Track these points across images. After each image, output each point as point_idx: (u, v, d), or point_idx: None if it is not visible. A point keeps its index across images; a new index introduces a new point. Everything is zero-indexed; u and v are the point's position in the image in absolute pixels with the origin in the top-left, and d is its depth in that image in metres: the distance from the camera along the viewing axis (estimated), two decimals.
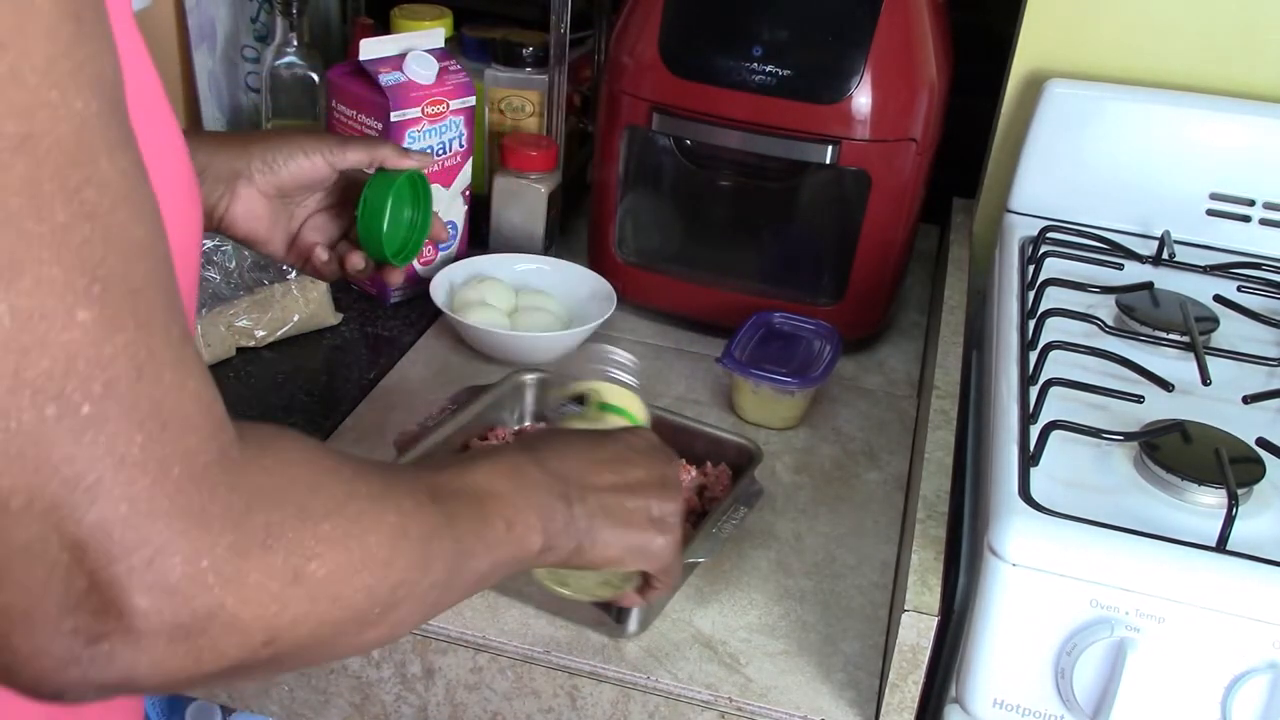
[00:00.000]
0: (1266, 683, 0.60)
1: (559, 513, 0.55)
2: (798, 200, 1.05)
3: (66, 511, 0.31)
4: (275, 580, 0.36)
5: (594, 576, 0.65)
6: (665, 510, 0.61)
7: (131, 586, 0.33)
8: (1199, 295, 0.91)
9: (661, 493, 0.61)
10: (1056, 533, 0.63)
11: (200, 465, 0.35)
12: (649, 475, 0.61)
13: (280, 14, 1.12)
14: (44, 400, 0.31)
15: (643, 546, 0.60)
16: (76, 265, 0.31)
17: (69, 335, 0.31)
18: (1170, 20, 1.02)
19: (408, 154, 0.79)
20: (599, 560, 0.58)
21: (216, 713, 1.09)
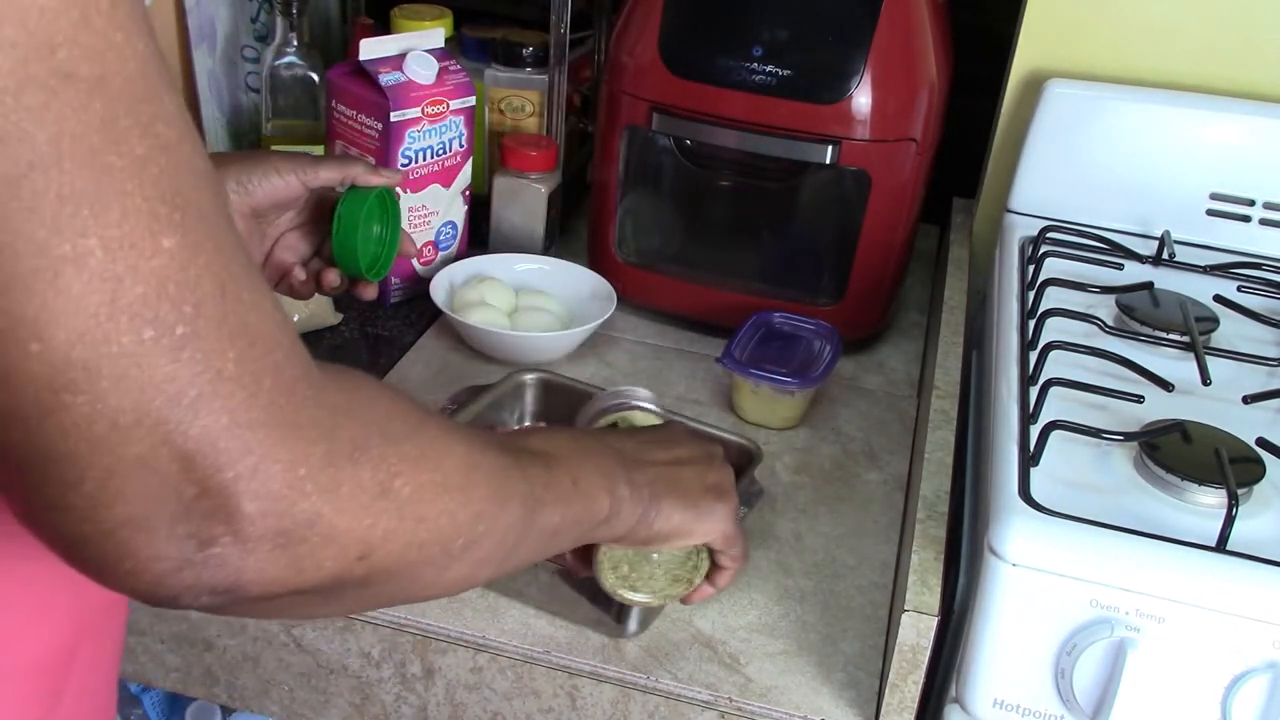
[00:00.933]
0: (1266, 683, 0.60)
1: (622, 480, 0.56)
2: (798, 200, 1.05)
3: (173, 425, 0.33)
4: (365, 492, 0.38)
5: (663, 575, 0.67)
6: (719, 479, 0.64)
7: (238, 493, 0.35)
8: (1199, 295, 0.91)
9: (711, 464, 0.64)
10: (1056, 533, 0.63)
11: (288, 379, 0.36)
12: (695, 451, 0.64)
13: (280, 14, 1.12)
14: (141, 324, 0.33)
15: (705, 513, 0.62)
16: (156, 195, 0.33)
17: (157, 261, 0.33)
18: (1170, 20, 1.02)
19: (379, 171, 0.80)
20: (665, 530, 0.60)
21: (216, 713, 1.09)
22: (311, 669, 0.76)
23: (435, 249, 1.09)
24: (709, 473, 0.63)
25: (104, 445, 0.33)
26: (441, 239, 1.09)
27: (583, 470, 0.54)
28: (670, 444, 0.63)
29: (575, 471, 0.53)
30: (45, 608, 0.47)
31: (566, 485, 0.52)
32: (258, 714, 0.80)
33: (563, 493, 0.52)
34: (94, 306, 0.32)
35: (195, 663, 0.78)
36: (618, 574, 0.66)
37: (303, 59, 1.14)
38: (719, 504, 0.63)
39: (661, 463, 0.61)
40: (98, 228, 0.32)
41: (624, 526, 0.57)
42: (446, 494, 0.42)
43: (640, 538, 0.59)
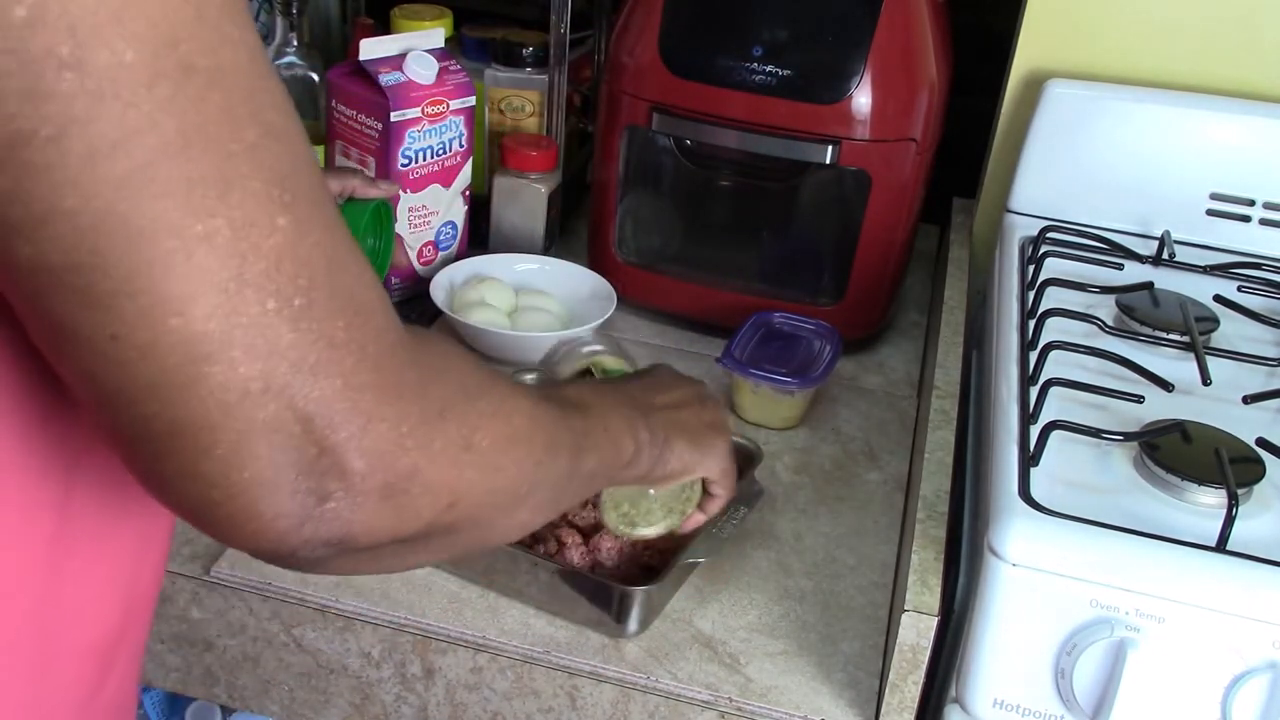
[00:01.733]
0: (1266, 683, 0.60)
1: (641, 425, 0.61)
2: (798, 200, 1.05)
3: (296, 390, 0.36)
4: (454, 446, 0.42)
5: (659, 509, 0.71)
6: (714, 416, 0.69)
7: (350, 450, 0.38)
8: (1199, 295, 0.91)
9: (703, 403, 0.68)
10: (1056, 533, 0.63)
11: (388, 344, 0.39)
12: (688, 392, 0.68)
13: (280, 14, 1.12)
14: (265, 296, 0.35)
15: (709, 449, 0.67)
16: (271, 178, 0.36)
17: (274, 240, 0.36)
18: (1170, 20, 1.02)
19: (376, 184, 0.80)
20: (676, 468, 0.64)
21: (216, 713, 1.09)
22: (311, 669, 0.76)
23: (435, 249, 1.09)
24: (704, 411, 0.68)
25: (236, 411, 0.35)
26: (441, 239, 1.09)
27: (611, 419, 0.58)
28: (665, 388, 0.67)
29: (605, 420, 0.57)
30: (105, 590, 0.48)
31: (600, 433, 0.56)
32: (258, 714, 0.80)
33: (598, 440, 0.56)
34: (224, 281, 0.34)
35: (195, 663, 0.78)
36: (619, 512, 0.72)
37: (303, 59, 1.14)
38: (718, 439, 0.68)
39: (666, 406, 0.65)
40: (223, 209, 0.34)
41: (644, 467, 0.61)
42: (516, 445, 0.46)
43: (655, 476, 0.64)
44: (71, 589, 0.46)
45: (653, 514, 0.71)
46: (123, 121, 0.33)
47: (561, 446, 0.50)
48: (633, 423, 0.60)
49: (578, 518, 0.78)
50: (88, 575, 0.47)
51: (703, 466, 0.67)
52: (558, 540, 0.76)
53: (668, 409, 0.65)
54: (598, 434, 0.56)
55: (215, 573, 0.76)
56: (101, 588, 0.48)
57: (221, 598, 0.76)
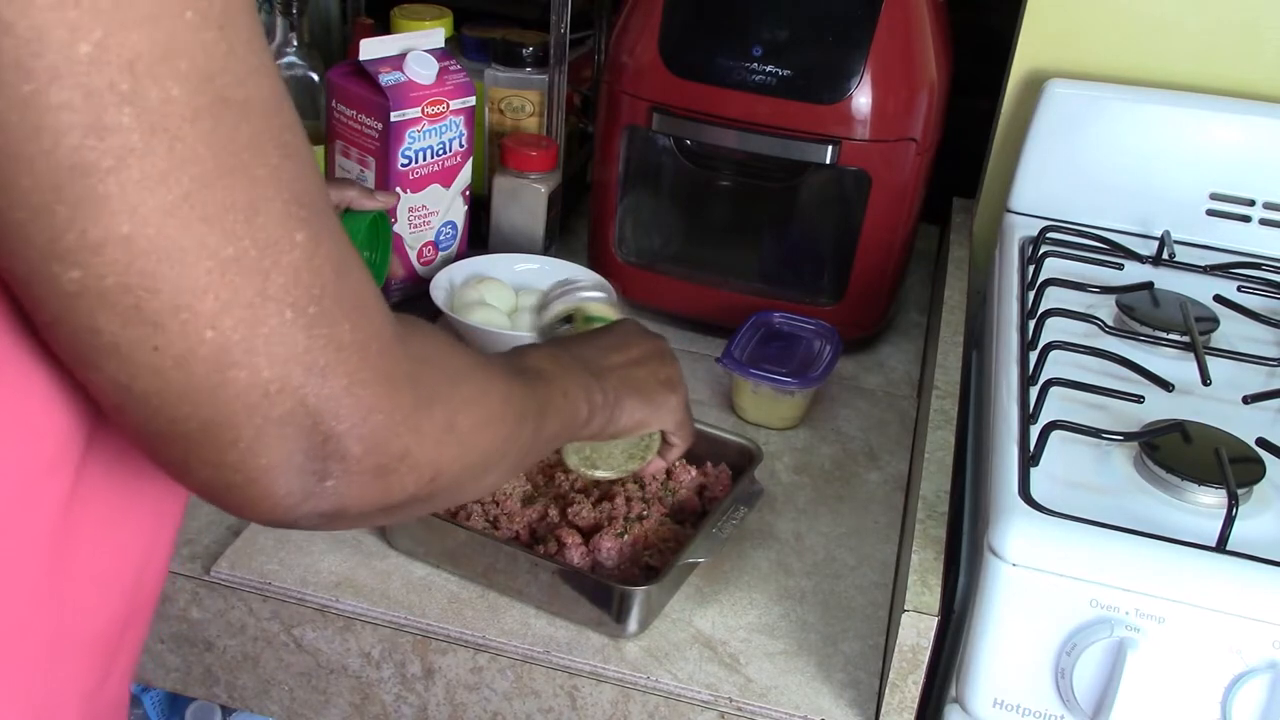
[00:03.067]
0: (1266, 683, 0.60)
1: (595, 388, 0.66)
2: (798, 200, 1.05)
3: (308, 389, 0.40)
4: (438, 428, 0.47)
5: (620, 453, 0.76)
6: (669, 373, 0.73)
7: (350, 438, 0.42)
8: (1199, 295, 0.91)
9: (662, 359, 0.73)
10: (1056, 533, 0.63)
11: (386, 340, 0.43)
12: (647, 349, 0.73)
13: (280, 14, 1.12)
14: (284, 307, 0.39)
15: (660, 405, 0.72)
16: (290, 198, 0.39)
17: (292, 255, 0.39)
18: (1170, 20, 1.02)
19: (373, 196, 0.81)
20: (629, 425, 0.70)
21: (216, 713, 1.09)
22: (311, 669, 0.76)
23: (435, 249, 1.09)
24: (660, 368, 0.72)
25: (257, 409, 0.39)
26: (441, 239, 1.09)
27: (569, 384, 0.63)
28: (625, 345, 0.72)
29: (564, 385, 0.62)
30: (113, 581, 0.49)
31: (559, 399, 0.61)
32: (258, 714, 0.80)
33: (557, 406, 0.61)
34: (250, 296, 0.38)
35: (195, 663, 0.78)
36: (580, 455, 0.76)
37: (303, 59, 1.14)
38: (671, 395, 0.72)
39: (620, 365, 0.70)
40: (250, 230, 0.37)
41: (597, 426, 0.67)
42: (492, 424, 0.52)
43: (608, 433, 0.69)
44: (79, 579, 0.47)
45: (613, 458, 0.76)
46: (171, 153, 0.35)
47: (528, 417, 0.56)
48: (588, 386, 0.65)
49: (578, 518, 0.78)
50: (96, 565, 0.47)
51: (656, 420, 0.72)
52: (558, 540, 0.76)
53: (623, 367, 0.70)
54: (557, 400, 0.61)
55: (215, 573, 0.76)
56: (109, 578, 0.49)
57: (221, 598, 0.76)
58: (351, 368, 0.41)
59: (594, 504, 0.79)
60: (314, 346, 0.40)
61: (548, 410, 0.59)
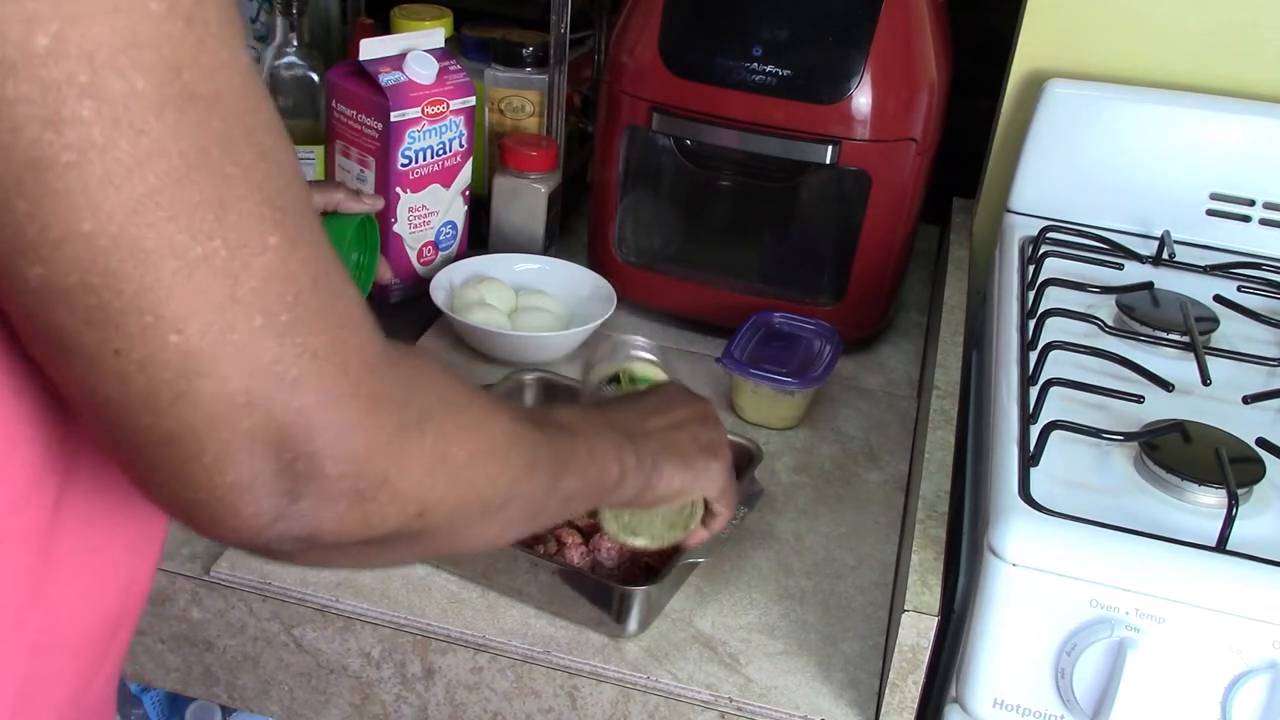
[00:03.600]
0: (1266, 683, 0.60)
1: (628, 451, 0.61)
2: (798, 200, 1.05)
3: (277, 402, 0.38)
4: (427, 457, 0.43)
5: (660, 522, 0.71)
6: (712, 438, 0.68)
7: (324, 457, 0.39)
8: (1199, 295, 0.91)
9: (704, 423, 0.68)
10: (1056, 533, 0.63)
11: (371, 357, 0.41)
12: (690, 412, 0.68)
13: (280, 14, 1.12)
14: (254, 313, 0.37)
15: (701, 471, 0.66)
16: (264, 198, 0.37)
17: (265, 258, 0.37)
18: (1170, 20, 1.02)
19: (360, 198, 0.80)
20: (666, 492, 0.64)
21: (216, 713, 1.09)
22: (311, 669, 0.76)
23: (435, 249, 1.09)
24: (703, 432, 0.68)
25: (223, 422, 0.37)
26: (441, 239, 1.09)
27: (597, 443, 0.58)
28: (667, 408, 0.67)
29: (590, 443, 0.58)
30: (100, 586, 0.49)
31: (584, 455, 0.57)
32: (258, 714, 0.80)
33: (581, 462, 0.56)
34: (218, 299, 0.36)
35: (195, 663, 0.78)
36: (619, 521, 0.71)
37: (303, 59, 1.14)
38: (714, 462, 0.67)
39: (660, 429, 0.65)
40: (220, 230, 0.36)
41: (631, 492, 0.62)
42: (492, 460, 0.47)
43: (645, 500, 0.64)
44: (65, 583, 0.46)
45: (654, 525, 0.71)
46: (135, 148, 0.34)
47: (540, 465, 0.51)
48: (620, 447, 0.60)
49: (578, 518, 0.78)
50: (83, 570, 0.47)
51: (697, 487, 0.67)
52: (558, 540, 0.76)
53: (662, 431, 0.65)
54: (581, 456, 0.56)
55: (215, 573, 0.76)
56: (97, 583, 0.49)
57: (221, 598, 0.76)
58: (328, 382, 0.39)
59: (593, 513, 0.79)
60: (285, 356, 0.38)
61: (568, 464, 0.55)
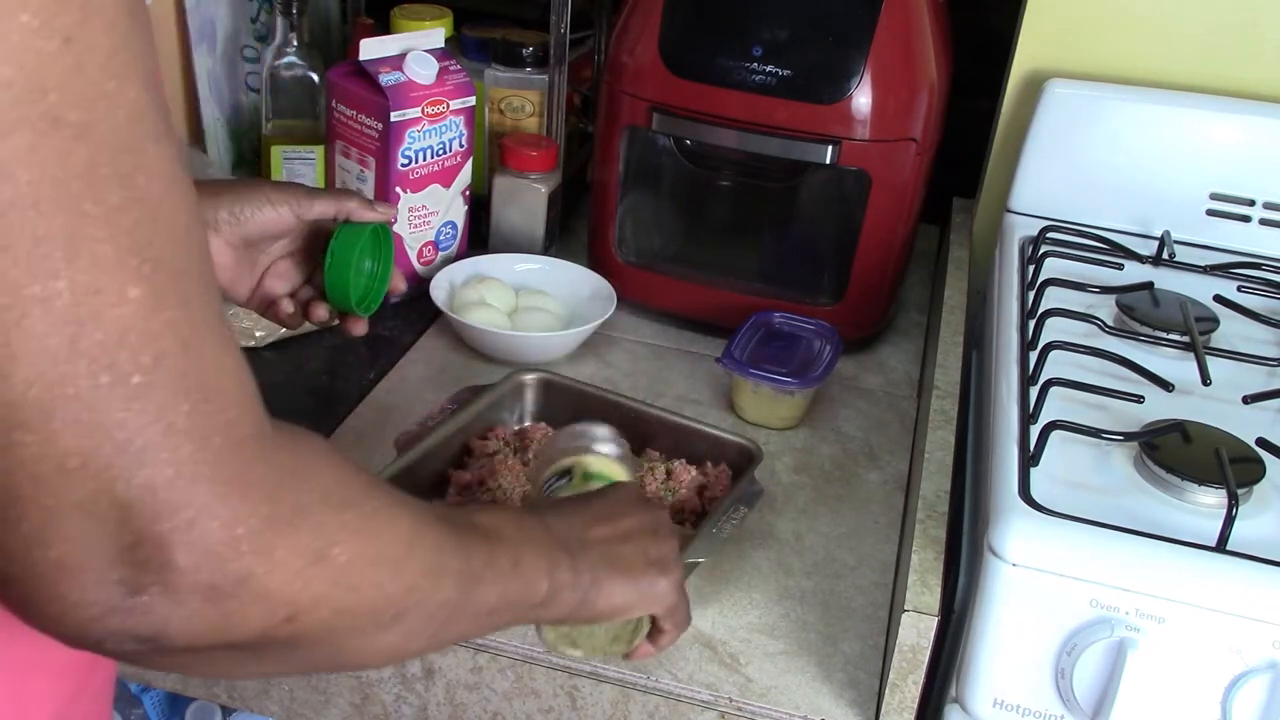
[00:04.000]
0: (1266, 683, 0.60)
1: (563, 564, 0.55)
2: (798, 200, 1.05)
3: (117, 472, 0.34)
4: (300, 557, 0.38)
5: (604, 634, 0.65)
6: (662, 552, 0.62)
7: (174, 544, 0.35)
8: (1199, 295, 0.91)
9: (655, 536, 0.62)
10: (1056, 533, 0.63)
11: (239, 438, 0.37)
12: (640, 522, 0.62)
13: (280, 14, 1.12)
14: (99, 369, 0.33)
15: (646, 590, 0.60)
16: (128, 245, 0.34)
17: (120, 310, 0.33)
18: (1170, 20, 1.02)
19: (373, 206, 0.79)
20: (606, 610, 0.59)
21: (216, 713, 1.09)
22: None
23: (435, 249, 1.09)
24: (652, 546, 0.61)
25: (48, 487, 0.33)
26: (441, 239, 1.09)
27: (523, 552, 0.53)
28: (614, 516, 0.61)
29: (516, 553, 0.52)
30: None
31: (506, 566, 0.51)
32: (258, 714, 0.80)
33: (501, 573, 0.51)
34: (55, 348, 0.32)
35: None
36: (557, 631, 0.64)
37: (303, 59, 1.14)
38: (661, 578, 0.61)
39: (604, 540, 0.59)
40: (68, 271, 0.32)
41: (564, 609, 0.56)
42: (382, 565, 0.42)
43: (582, 617, 0.58)
44: None
45: (595, 636, 0.64)
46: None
47: (447, 574, 0.46)
48: (553, 560, 0.55)
49: None
50: None
51: (641, 606, 0.61)
52: None
53: (607, 542, 0.59)
54: (503, 567, 0.51)
55: None
56: None
57: None
58: (182, 457, 0.35)
59: None
60: (132, 422, 0.34)
61: (483, 575, 0.49)
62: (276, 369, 0.97)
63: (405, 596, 0.43)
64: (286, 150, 1.16)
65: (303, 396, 0.94)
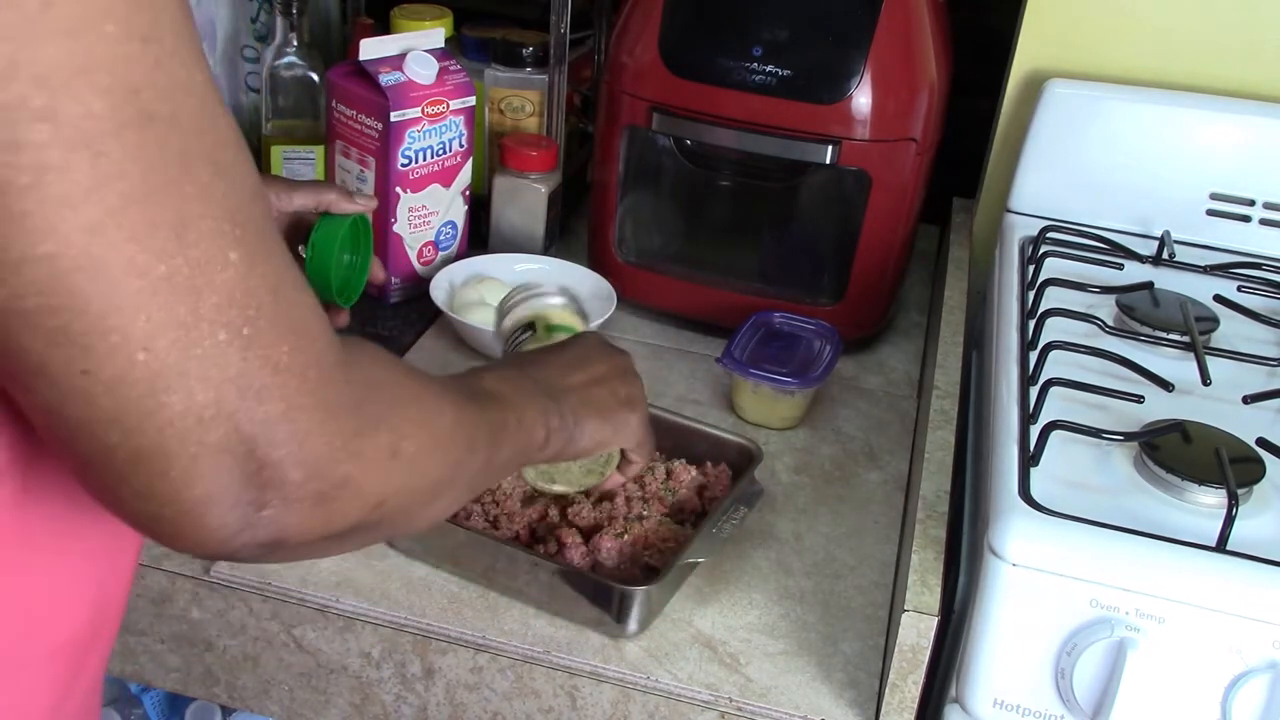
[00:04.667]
0: (1266, 683, 0.60)
1: (552, 411, 0.64)
2: (798, 200, 1.05)
3: (243, 415, 0.38)
4: (383, 454, 0.45)
5: (578, 469, 0.76)
6: (630, 391, 0.71)
7: (288, 464, 0.40)
8: (1199, 295, 0.91)
9: (623, 378, 0.71)
10: (1056, 533, 0.63)
11: (328, 365, 0.42)
12: (608, 367, 0.71)
13: (280, 14, 1.12)
14: (217, 328, 0.37)
15: (620, 425, 0.70)
16: (223, 215, 0.38)
17: (226, 274, 0.38)
18: (1170, 20, 1.02)
19: (353, 198, 0.81)
20: (589, 446, 0.68)
21: (216, 713, 1.09)
22: (311, 669, 0.76)
23: (435, 249, 1.09)
24: (621, 387, 0.70)
25: (191, 437, 0.38)
26: (441, 239, 1.09)
27: (524, 410, 0.61)
28: (586, 363, 0.70)
29: (519, 411, 0.60)
30: (74, 590, 0.49)
31: (513, 424, 0.59)
32: (258, 714, 0.80)
33: (511, 431, 0.59)
34: (183, 316, 0.37)
35: (195, 663, 0.78)
36: (536, 470, 0.75)
37: (303, 59, 1.14)
38: (631, 414, 0.71)
39: (580, 385, 0.68)
40: (181, 248, 0.36)
41: (555, 449, 0.64)
42: (439, 449, 0.49)
43: (567, 455, 0.67)
44: (38, 588, 0.46)
45: (570, 472, 0.76)
46: (94, 169, 0.34)
47: (479, 442, 0.54)
48: (545, 409, 0.63)
49: (578, 518, 0.78)
50: (55, 574, 0.47)
51: (617, 440, 0.70)
52: (558, 540, 0.76)
53: (582, 387, 0.68)
54: (512, 425, 0.59)
55: (215, 573, 0.76)
56: (70, 587, 0.48)
57: (221, 598, 0.76)
58: (289, 392, 0.40)
59: (594, 504, 0.79)
60: (249, 369, 0.38)
61: (501, 437, 0.57)
62: None
63: (454, 470, 0.51)
64: (286, 150, 1.16)
65: None
